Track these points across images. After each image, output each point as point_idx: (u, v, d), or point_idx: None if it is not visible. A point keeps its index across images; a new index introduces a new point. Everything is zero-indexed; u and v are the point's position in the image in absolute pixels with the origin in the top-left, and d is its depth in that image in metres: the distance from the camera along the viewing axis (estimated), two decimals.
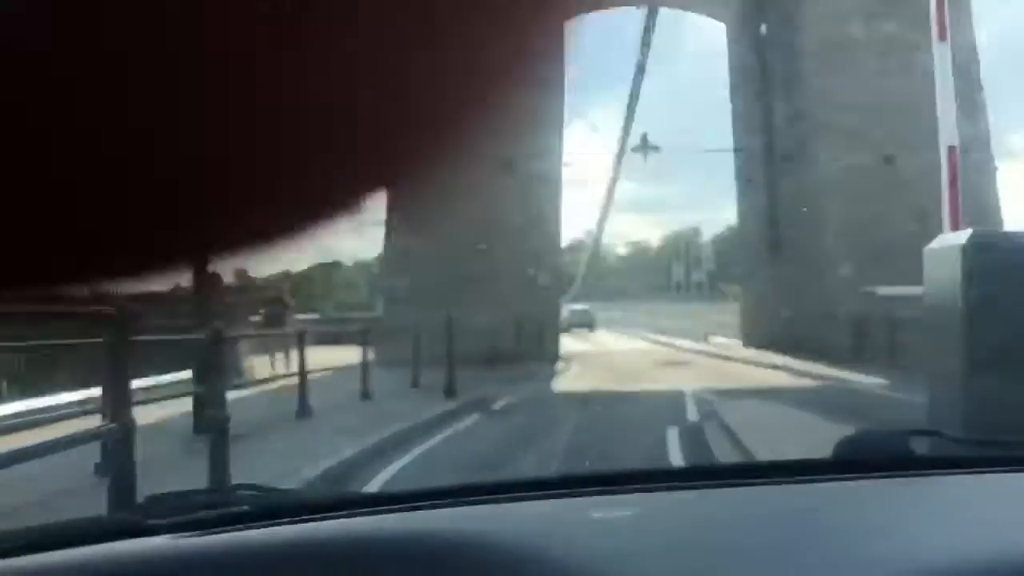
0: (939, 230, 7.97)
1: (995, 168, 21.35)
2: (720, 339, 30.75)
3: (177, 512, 1.11)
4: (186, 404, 9.16)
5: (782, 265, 24.24)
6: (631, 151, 29.11)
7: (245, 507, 1.14)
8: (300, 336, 11.92)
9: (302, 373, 11.08)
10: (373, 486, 7.14)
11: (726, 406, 11.01)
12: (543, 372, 18.47)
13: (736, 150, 27.60)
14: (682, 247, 46.65)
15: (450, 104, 0.46)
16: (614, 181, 47.62)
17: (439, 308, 16.84)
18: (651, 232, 56.98)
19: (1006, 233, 6.18)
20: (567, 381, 18.01)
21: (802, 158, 22.55)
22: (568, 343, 25.45)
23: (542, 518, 1.12)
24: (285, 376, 11.87)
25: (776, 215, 24.62)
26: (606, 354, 27.43)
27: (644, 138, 27.21)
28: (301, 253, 0.51)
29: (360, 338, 13.71)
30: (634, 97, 40.96)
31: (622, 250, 74.15)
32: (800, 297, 22.35)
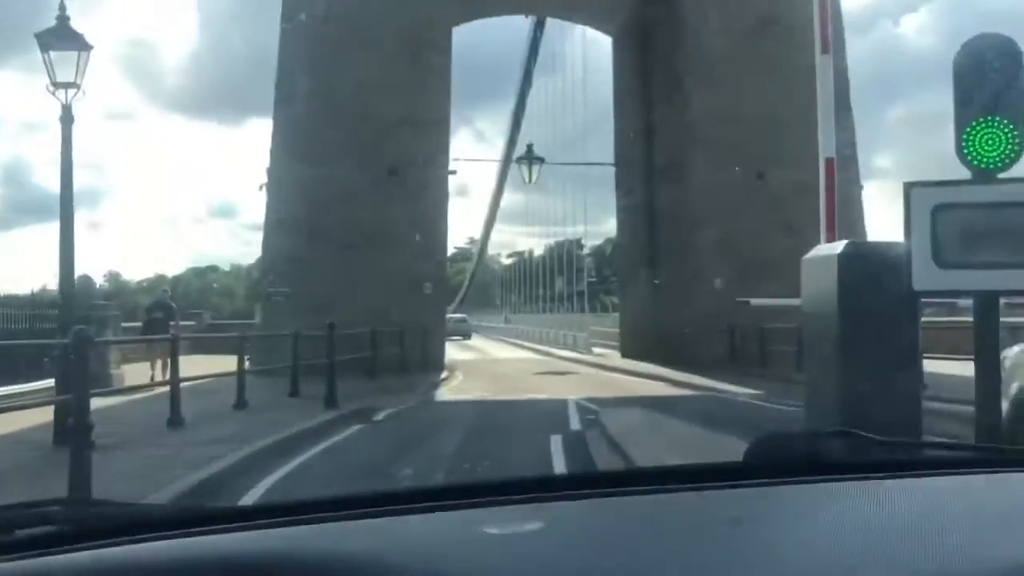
0: (809, 244, 8.22)
1: (860, 187, 22.38)
2: (600, 349, 31.20)
3: None
4: (47, 414, 8.64)
5: (659, 277, 24.78)
6: (516, 161, 29.25)
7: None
8: (174, 343, 11.43)
9: (174, 381, 10.62)
10: (245, 502, 6.85)
11: (607, 415, 11.09)
12: (427, 382, 18.30)
13: (616, 164, 28.09)
14: (564, 258, 47.19)
15: None
16: (499, 190, 47.96)
17: (320, 316, 16.48)
18: (535, 242, 57.36)
19: (880, 243, 6.41)
20: (451, 391, 17.90)
21: (680, 172, 23.10)
22: (451, 352, 25.34)
23: (429, 533, 1.00)
24: (158, 384, 11.35)
25: (653, 228, 25.15)
26: (490, 363, 27.47)
27: (529, 148, 27.38)
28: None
29: (237, 346, 13.26)
30: (520, 106, 41.39)
31: (506, 260, 74.51)
32: (676, 308, 22.87)
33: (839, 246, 5.32)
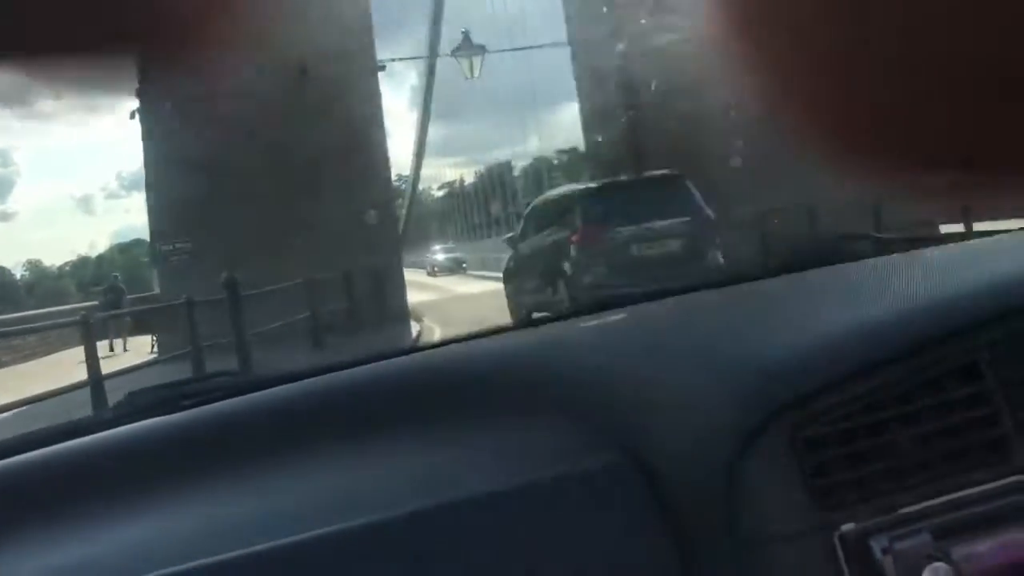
0: None
1: None
2: None
3: (161, 399, 1.14)
4: None
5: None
6: (453, 54, 24.27)
7: (226, 386, 1.17)
8: (85, 326, 8.31)
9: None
10: None
11: None
12: (392, 335, 14.07)
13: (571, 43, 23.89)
14: (496, 183, 46.13)
15: None
16: (427, 107, 42.87)
17: (239, 272, 11.84)
18: (463, 172, 55.08)
19: None
20: (427, 338, 13.69)
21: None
22: (409, 295, 21.32)
23: (543, 335, 1.33)
24: None
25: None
26: (456, 301, 23.79)
27: (466, 36, 22.56)
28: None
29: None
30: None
31: (438, 193, 71.48)
32: None
33: None
